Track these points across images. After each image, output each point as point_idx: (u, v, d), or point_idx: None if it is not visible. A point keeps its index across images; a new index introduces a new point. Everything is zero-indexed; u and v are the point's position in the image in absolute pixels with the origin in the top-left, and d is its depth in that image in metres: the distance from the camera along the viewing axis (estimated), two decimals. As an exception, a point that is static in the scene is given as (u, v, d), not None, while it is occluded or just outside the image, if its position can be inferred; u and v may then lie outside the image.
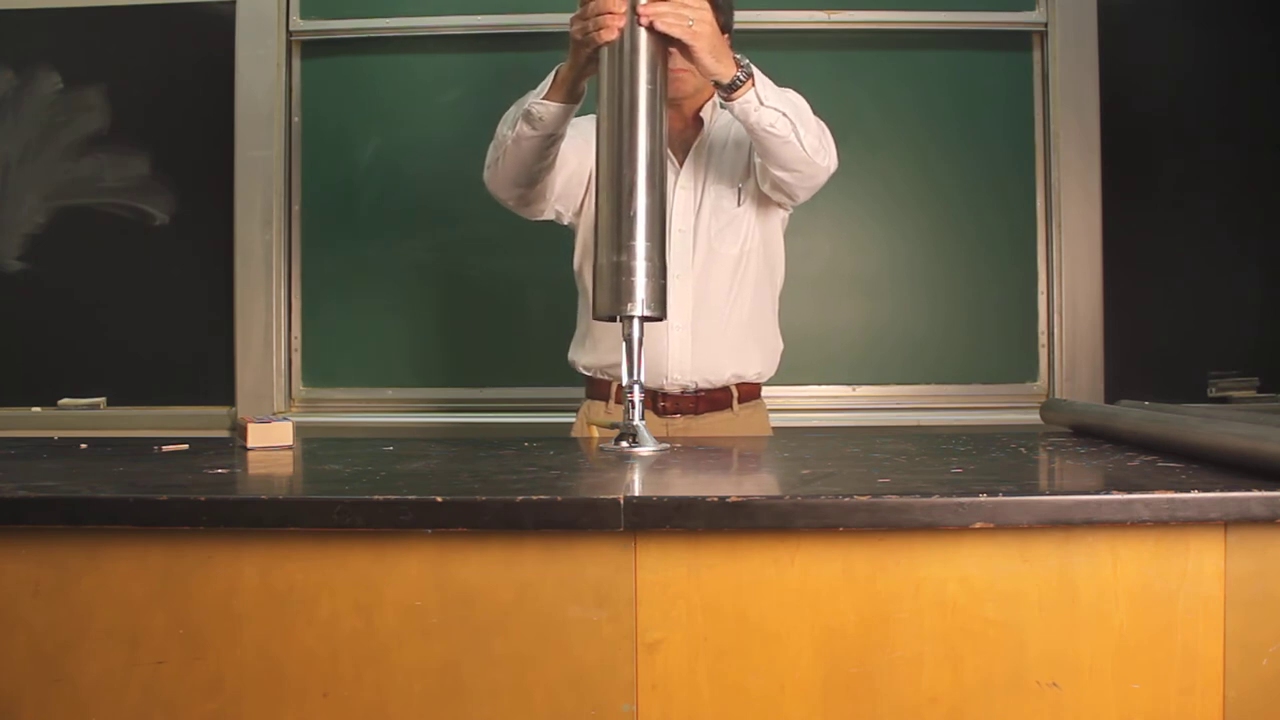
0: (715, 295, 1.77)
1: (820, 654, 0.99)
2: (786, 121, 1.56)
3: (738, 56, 1.52)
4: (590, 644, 0.99)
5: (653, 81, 1.41)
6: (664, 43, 1.44)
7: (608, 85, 1.42)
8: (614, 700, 0.99)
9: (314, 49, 2.59)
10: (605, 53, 1.43)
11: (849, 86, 2.52)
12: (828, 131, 1.66)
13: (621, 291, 1.33)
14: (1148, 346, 2.51)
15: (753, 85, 1.51)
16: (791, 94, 1.61)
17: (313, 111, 2.59)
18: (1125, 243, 2.49)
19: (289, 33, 2.55)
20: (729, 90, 1.52)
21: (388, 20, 2.53)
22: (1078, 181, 2.48)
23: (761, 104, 1.52)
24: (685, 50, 1.45)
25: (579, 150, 1.74)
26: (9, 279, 2.58)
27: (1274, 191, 2.50)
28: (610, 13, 1.40)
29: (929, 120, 2.53)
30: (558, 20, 2.43)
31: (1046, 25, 2.49)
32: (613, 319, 1.40)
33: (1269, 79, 2.51)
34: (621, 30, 1.41)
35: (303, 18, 2.56)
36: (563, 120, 1.60)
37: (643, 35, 1.41)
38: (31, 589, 1.02)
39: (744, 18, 2.49)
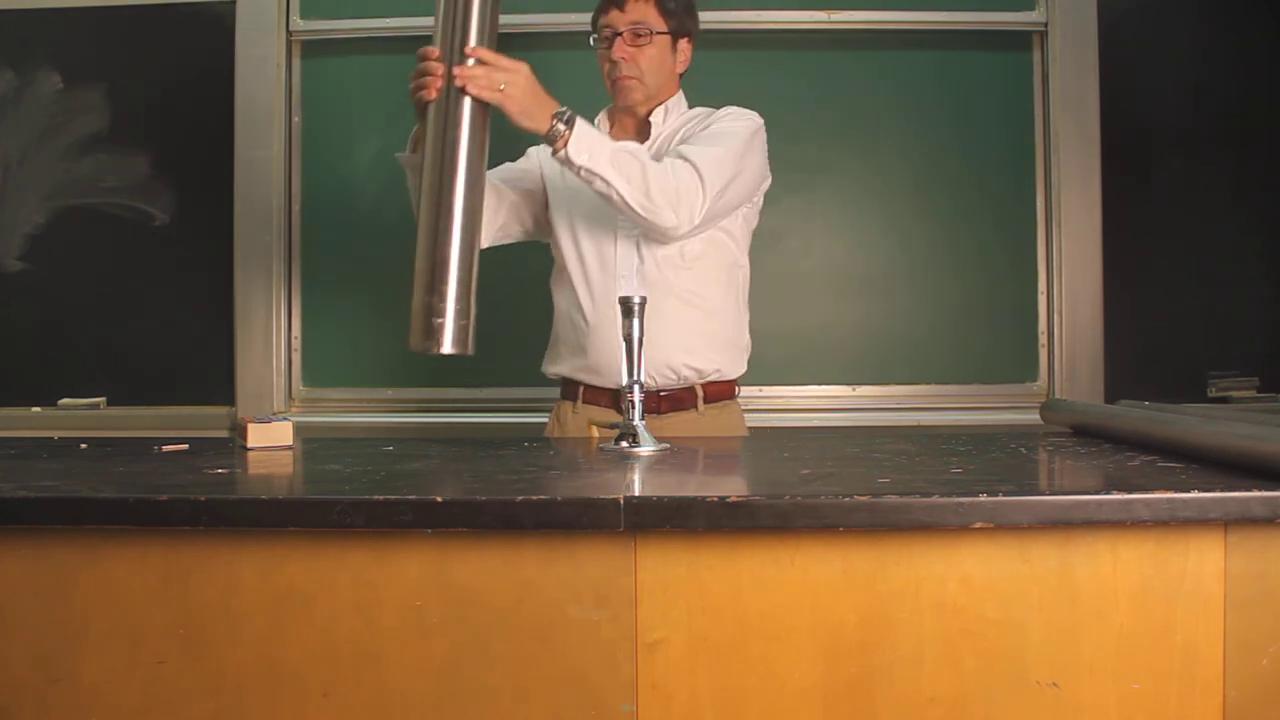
0: (662, 294, 1.77)
1: (820, 654, 0.99)
2: (604, 182, 1.59)
3: (561, 110, 1.54)
4: (590, 644, 0.99)
5: (473, 138, 1.46)
6: (483, 100, 1.49)
7: (431, 140, 1.48)
8: (614, 700, 0.99)
9: (314, 49, 2.59)
10: (431, 110, 1.49)
11: (849, 86, 2.52)
12: (692, 191, 1.64)
13: (431, 331, 1.44)
14: (1148, 346, 2.51)
15: (565, 146, 1.55)
16: (707, 140, 1.69)
17: (313, 111, 2.58)
18: (1125, 243, 2.49)
19: (289, 33, 2.55)
20: (550, 144, 1.57)
21: (388, 20, 2.53)
22: (1078, 182, 2.48)
23: (571, 161, 1.57)
24: (501, 110, 1.50)
25: (497, 190, 1.83)
26: (9, 279, 2.58)
27: (1274, 191, 2.50)
28: (429, 74, 1.47)
29: (929, 120, 2.52)
30: (555, 20, 2.44)
31: (1046, 25, 2.49)
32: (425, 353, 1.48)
33: (1269, 79, 2.50)
34: (439, 90, 1.46)
35: (303, 18, 2.56)
36: None
37: (463, 93, 1.47)
38: (31, 589, 1.02)
39: (745, 18, 2.51)
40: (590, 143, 1.57)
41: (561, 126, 1.54)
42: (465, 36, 1.47)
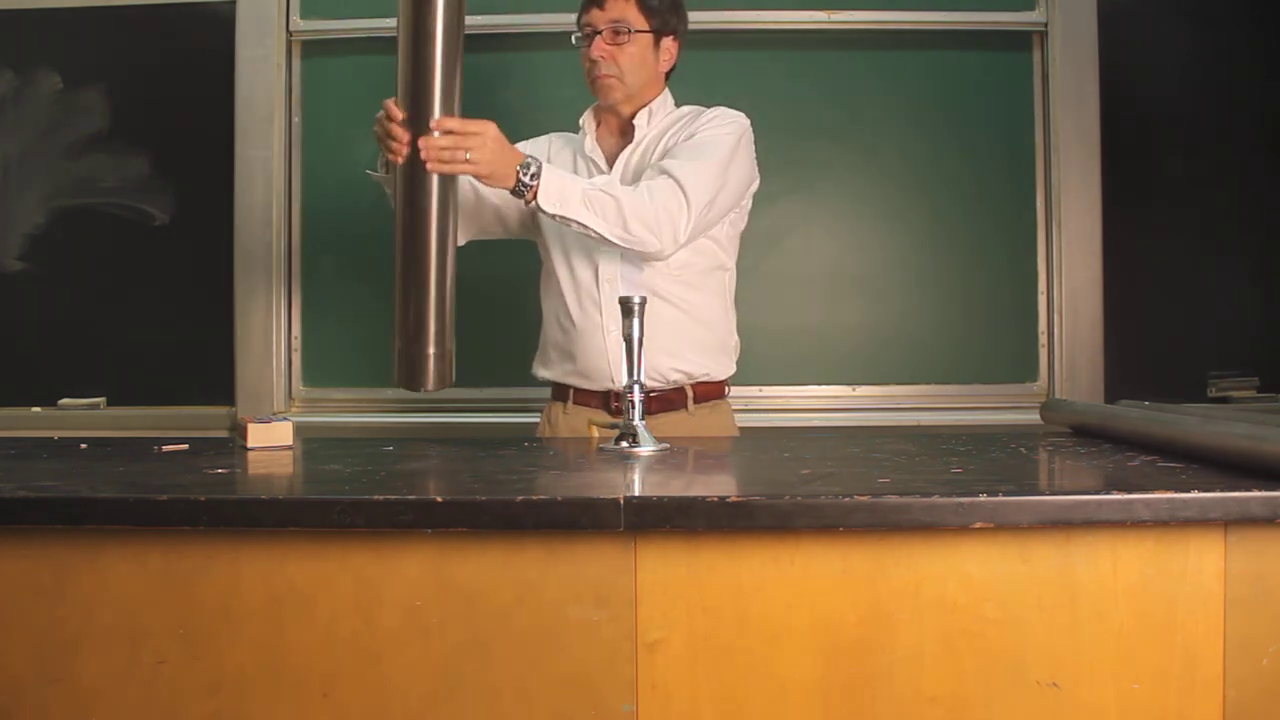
0: (648, 299, 1.77)
1: (820, 654, 0.99)
2: (579, 224, 1.61)
3: (525, 163, 1.55)
4: (590, 644, 0.99)
5: (442, 200, 1.51)
6: None
7: (400, 202, 1.52)
8: (614, 700, 0.99)
9: (314, 49, 2.58)
10: (399, 172, 1.51)
11: (849, 86, 2.52)
12: (675, 212, 1.65)
13: (414, 374, 1.56)
14: (1148, 346, 2.51)
15: (535, 197, 1.57)
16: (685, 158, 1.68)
17: (313, 111, 2.58)
18: (1125, 242, 2.49)
19: (289, 33, 2.55)
20: (519, 197, 1.59)
21: (388, 20, 2.50)
22: (1078, 181, 2.48)
23: (545, 210, 1.59)
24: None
25: (480, 195, 1.83)
26: (9, 279, 2.57)
27: (1274, 191, 2.50)
28: (392, 137, 1.48)
29: (929, 120, 2.52)
30: (553, 20, 2.44)
31: (1046, 25, 2.49)
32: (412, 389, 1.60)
33: (1268, 79, 2.50)
34: (405, 159, 1.48)
35: (303, 18, 2.55)
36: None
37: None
38: (31, 589, 1.02)
39: (745, 18, 2.51)
40: (560, 190, 1.58)
41: (529, 179, 1.55)
42: (430, 99, 1.46)
